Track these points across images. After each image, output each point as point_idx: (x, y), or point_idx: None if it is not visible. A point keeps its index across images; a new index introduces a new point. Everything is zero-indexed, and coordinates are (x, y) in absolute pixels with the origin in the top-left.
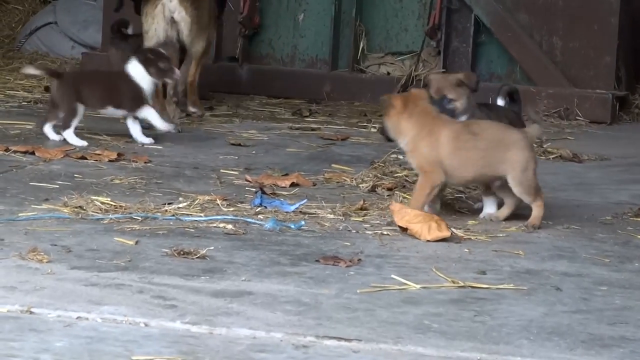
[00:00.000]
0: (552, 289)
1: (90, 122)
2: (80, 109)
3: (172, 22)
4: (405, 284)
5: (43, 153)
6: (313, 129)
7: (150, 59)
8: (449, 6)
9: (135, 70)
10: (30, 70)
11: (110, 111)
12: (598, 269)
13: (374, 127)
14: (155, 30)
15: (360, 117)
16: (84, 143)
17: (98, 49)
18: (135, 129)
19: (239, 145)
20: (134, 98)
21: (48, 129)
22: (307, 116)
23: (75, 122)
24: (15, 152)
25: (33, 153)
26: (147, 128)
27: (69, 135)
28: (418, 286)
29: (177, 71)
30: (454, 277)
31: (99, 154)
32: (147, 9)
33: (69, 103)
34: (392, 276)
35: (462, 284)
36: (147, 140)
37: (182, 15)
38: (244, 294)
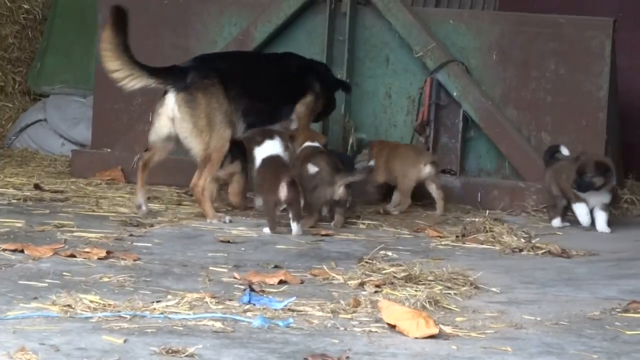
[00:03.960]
0: None
1: (80, 220)
2: None
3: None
4: None
5: (32, 251)
6: None
7: None
8: (438, 102)
9: None
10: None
11: None
12: None
13: (363, 224)
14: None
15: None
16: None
17: (88, 146)
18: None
19: (228, 242)
20: None
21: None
22: None
23: None
24: (4, 250)
25: (22, 251)
26: None
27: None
28: None
29: None
30: None
31: (87, 252)
32: None
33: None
34: None
35: None
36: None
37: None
38: None
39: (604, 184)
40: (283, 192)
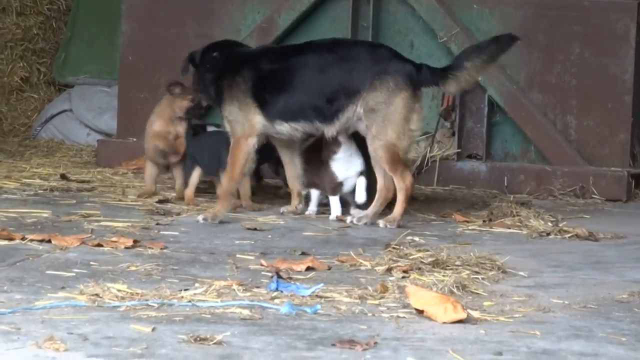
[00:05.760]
0: None
1: (107, 210)
2: None
3: None
4: None
5: (59, 241)
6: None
7: None
8: None
9: None
10: None
11: None
12: (614, 348)
13: (389, 209)
14: None
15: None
16: None
17: (113, 135)
18: None
19: (255, 229)
20: None
21: None
22: None
23: None
24: (31, 240)
25: (49, 241)
26: None
27: None
28: None
29: None
30: (470, 359)
31: (115, 241)
32: None
33: None
34: (408, 359)
35: None
36: None
37: None
38: None
39: None
40: None
